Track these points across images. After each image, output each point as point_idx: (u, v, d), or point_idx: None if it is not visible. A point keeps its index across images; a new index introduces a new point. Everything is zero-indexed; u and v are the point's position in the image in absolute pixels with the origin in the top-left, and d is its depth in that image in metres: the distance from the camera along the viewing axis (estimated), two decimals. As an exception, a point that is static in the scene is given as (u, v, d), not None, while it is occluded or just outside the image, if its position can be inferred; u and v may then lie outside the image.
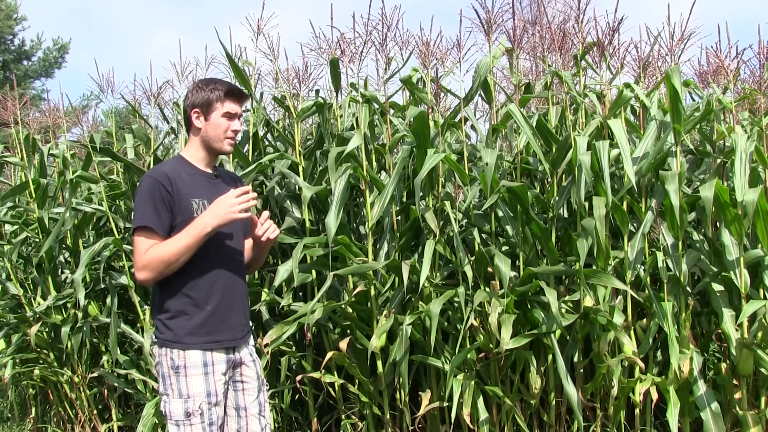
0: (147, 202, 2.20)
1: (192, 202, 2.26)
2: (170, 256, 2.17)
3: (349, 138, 3.20)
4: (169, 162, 2.35)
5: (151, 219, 2.19)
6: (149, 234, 2.19)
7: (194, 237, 2.18)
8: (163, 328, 2.25)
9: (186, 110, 2.38)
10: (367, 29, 3.34)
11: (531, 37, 3.39)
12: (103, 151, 3.94)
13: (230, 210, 2.20)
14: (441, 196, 3.20)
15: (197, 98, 2.35)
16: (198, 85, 2.39)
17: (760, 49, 3.01)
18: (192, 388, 2.22)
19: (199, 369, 2.24)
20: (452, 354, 3.09)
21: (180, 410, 2.22)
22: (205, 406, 2.23)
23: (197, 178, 2.32)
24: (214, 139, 2.35)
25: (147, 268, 2.18)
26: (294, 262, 2.99)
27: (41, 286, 4.24)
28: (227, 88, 2.37)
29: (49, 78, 18.79)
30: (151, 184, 2.21)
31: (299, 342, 3.64)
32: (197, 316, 2.25)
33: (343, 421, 3.46)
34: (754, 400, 3.00)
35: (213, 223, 2.19)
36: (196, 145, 2.38)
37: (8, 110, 4.27)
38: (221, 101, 2.35)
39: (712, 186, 2.71)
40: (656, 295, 2.95)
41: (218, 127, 2.35)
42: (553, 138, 3.14)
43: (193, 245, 2.18)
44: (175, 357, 2.23)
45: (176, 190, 2.23)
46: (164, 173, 2.24)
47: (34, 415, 4.55)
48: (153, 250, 2.18)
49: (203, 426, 2.22)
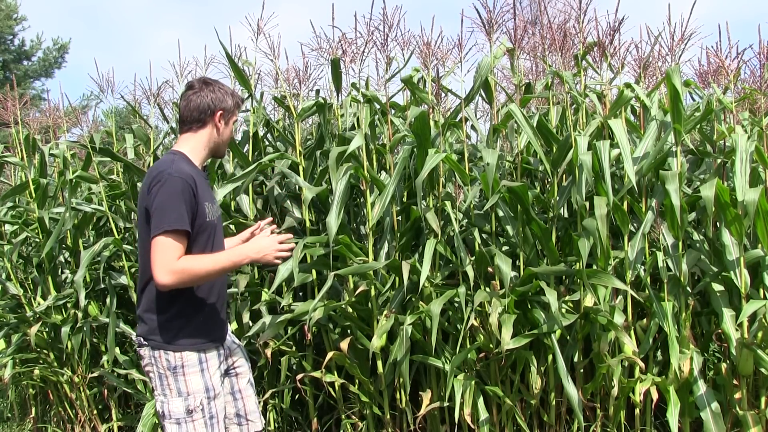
0: (180, 204, 2.13)
1: (205, 205, 2.26)
2: (207, 274, 2.16)
3: (350, 138, 3.20)
4: (180, 161, 2.26)
5: (187, 223, 2.14)
6: (181, 238, 2.13)
7: (234, 264, 2.22)
8: (156, 329, 2.23)
9: (208, 109, 2.32)
10: (369, 29, 3.34)
11: (532, 37, 3.40)
12: (103, 151, 3.94)
13: (272, 253, 2.26)
14: (441, 196, 3.20)
15: (226, 102, 2.35)
16: (222, 87, 2.38)
17: (761, 49, 3.01)
18: (191, 386, 2.23)
19: (195, 367, 2.25)
20: (452, 354, 3.09)
21: (180, 408, 2.22)
22: (205, 401, 2.24)
23: (202, 180, 2.31)
24: (223, 143, 2.40)
25: (176, 275, 2.10)
26: (294, 261, 2.99)
27: (41, 286, 4.24)
28: (241, 99, 2.49)
29: (49, 78, 18.82)
30: (183, 185, 2.14)
31: (299, 342, 3.64)
32: (195, 318, 2.27)
33: (343, 421, 3.46)
34: (754, 400, 3.00)
35: (254, 257, 2.24)
36: (202, 145, 2.36)
37: (8, 110, 4.26)
38: (238, 109, 2.43)
39: (712, 186, 2.71)
40: (656, 295, 2.95)
41: (230, 134, 2.42)
42: (554, 138, 3.14)
43: (230, 271, 2.22)
44: (171, 358, 2.23)
45: (197, 192, 2.21)
46: (190, 176, 2.19)
47: (34, 415, 4.55)
48: (189, 261, 2.13)
49: (205, 421, 2.24)
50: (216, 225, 2.35)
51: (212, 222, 2.31)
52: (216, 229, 2.35)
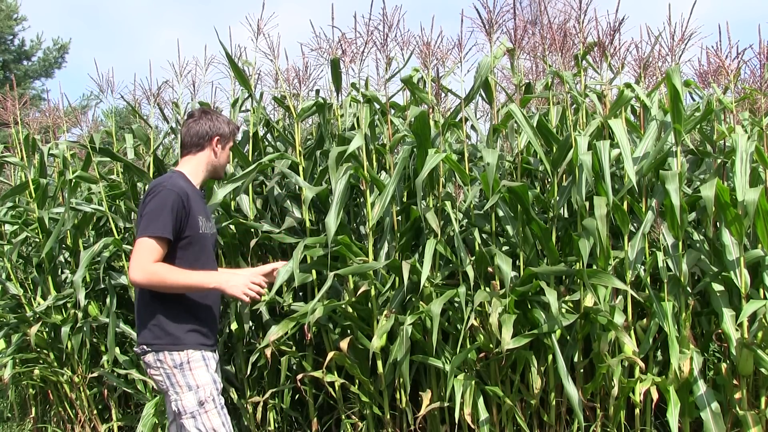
0: (168, 214, 2.35)
1: (198, 218, 2.47)
2: (175, 284, 2.34)
3: (350, 138, 3.20)
4: (177, 178, 2.50)
5: (170, 232, 2.35)
6: (161, 244, 2.35)
7: (202, 285, 2.40)
8: (160, 333, 2.41)
9: (206, 135, 2.58)
10: (369, 29, 3.34)
11: (531, 37, 3.39)
12: (102, 151, 3.94)
13: (243, 289, 2.40)
14: (441, 196, 3.20)
15: (222, 129, 2.61)
16: (219, 116, 2.65)
17: (761, 49, 3.01)
18: (199, 379, 2.39)
19: (200, 362, 2.42)
20: (453, 354, 3.09)
21: (193, 401, 2.37)
22: (215, 392, 2.41)
23: (196, 196, 2.54)
24: (221, 166, 2.66)
25: (147, 275, 2.31)
26: (294, 262, 2.99)
27: (41, 286, 4.24)
28: (237, 126, 2.82)
29: (49, 78, 18.79)
30: (174, 199, 2.37)
31: (299, 342, 3.64)
32: (192, 322, 2.44)
33: (343, 421, 3.46)
34: (754, 400, 3.00)
35: (223, 287, 2.40)
36: (201, 168, 2.60)
37: (8, 110, 4.26)
38: (234, 137, 2.71)
39: (712, 186, 2.71)
40: (656, 295, 2.95)
41: (228, 157, 2.69)
42: (554, 138, 3.14)
43: (197, 290, 2.41)
44: (176, 357, 2.40)
45: (189, 206, 2.43)
46: (183, 190, 2.42)
47: (34, 415, 4.55)
48: (163, 267, 2.33)
49: (217, 411, 2.40)
50: (209, 239, 2.57)
51: (205, 235, 2.52)
52: (209, 243, 2.57)
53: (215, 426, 2.36)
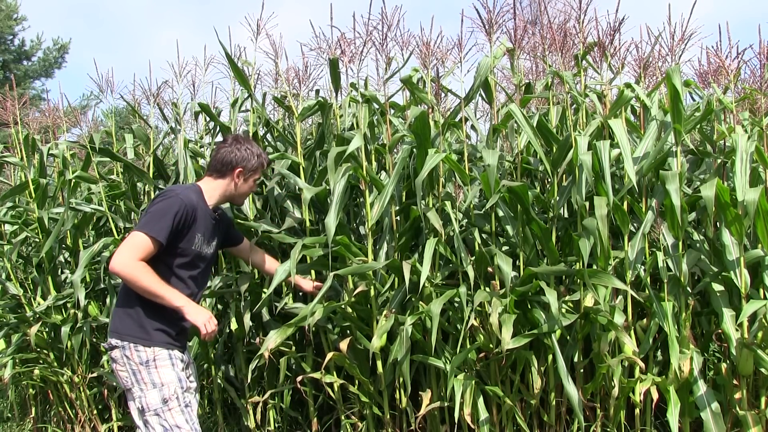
0: (168, 220, 2.42)
1: (197, 235, 2.53)
2: (145, 288, 2.39)
3: (349, 138, 3.19)
4: (193, 192, 2.56)
5: (165, 237, 2.42)
6: (154, 244, 2.41)
7: (170, 302, 2.42)
8: (132, 324, 2.45)
9: (230, 164, 2.63)
10: (368, 29, 3.33)
11: (532, 37, 3.39)
12: (102, 151, 3.94)
13: (203, 326, 2.45)
14: (441, 196, 3.20)
15: (249, 162, 2.66)
16: (250, 148, 2.68)
17: (761, 49, 3.00)
18: (164, 377, 2.44)
19: (166, 360, 2.47)
20: (452, 354, 3.09)
21: (157, 399, 2.41)
22: (179, 390, 2.45)
23: (205, 215, 2.60)
24: (240, 196, 2.73)
25: (127, 268, 2.36)
26: (292, 262, 2.98)
27: (41, 286, 4.24)
28: (268, 161, 2.83)
29: (49, 78, 18.80)
30: (180, 209, 2.44)
31: (299, 342, 3.64)
32: (163, 323, 2.49)
33: (343, 422, 3.46)
34: (754, 400, 3.00)
35: (189, 311, 2.44)
36: (219, 192, 2.66)
37: (8, 110, 4.26)
38: (261, 169, 2.74)
39: (712, 186, 2.70)
40: (656, 295, 2.95)
41: (249, 189, 2.74)
42: (554, 138, 3.14)
43: (163, 302, 2.42)
44: (143, 354, 2.44)
45: (193, 221, 2.51)
46: (192, 204, 2.50)
47: (34, 415, 4.55)
48: (144, 269, 2.39)
49: (181, 409, 2.44)
50: (201, 258, 2.62)
51: (196, 252, 2.56)
52: (200, 263, 2.62)
53: (179, 423, 2.41)
